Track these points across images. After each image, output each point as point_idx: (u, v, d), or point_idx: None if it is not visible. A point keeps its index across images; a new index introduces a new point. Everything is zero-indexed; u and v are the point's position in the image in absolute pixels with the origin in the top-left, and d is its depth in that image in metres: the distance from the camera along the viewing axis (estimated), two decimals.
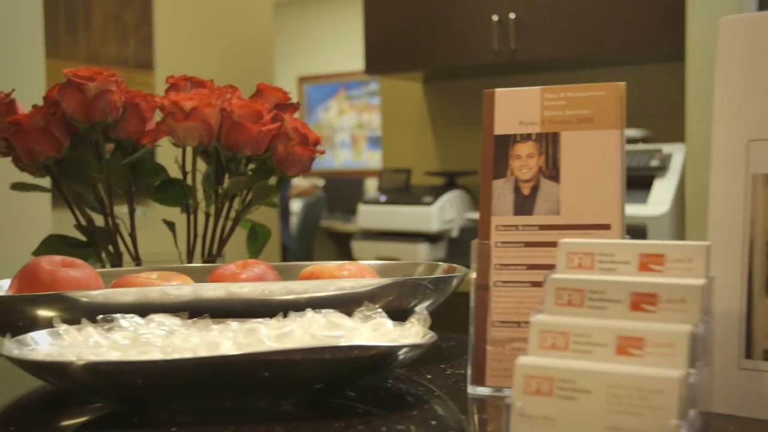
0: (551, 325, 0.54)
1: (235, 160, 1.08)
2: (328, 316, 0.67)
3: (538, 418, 0.51)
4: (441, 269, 0.86)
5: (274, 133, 1.07)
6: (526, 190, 0.70)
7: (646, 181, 2.26)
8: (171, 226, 1.11)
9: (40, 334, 0.66)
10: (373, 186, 5.91)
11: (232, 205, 1.13)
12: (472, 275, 0.69)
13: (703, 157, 2.12)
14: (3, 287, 0.81)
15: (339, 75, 6.80)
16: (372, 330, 0.66)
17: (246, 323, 0.66)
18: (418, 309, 0.81)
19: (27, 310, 0.73)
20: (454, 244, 2.76)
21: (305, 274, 0.81)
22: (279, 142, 1.08)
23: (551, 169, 0.69)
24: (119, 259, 1.10)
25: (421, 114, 3.16)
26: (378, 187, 2.95)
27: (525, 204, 0.70)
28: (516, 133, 0.71)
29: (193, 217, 1.11)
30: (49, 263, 0.78)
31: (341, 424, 0.59)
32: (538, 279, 0.67)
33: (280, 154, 1.08)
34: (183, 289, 0.75)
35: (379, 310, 0.69)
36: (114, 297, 0.75)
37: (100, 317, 0.68)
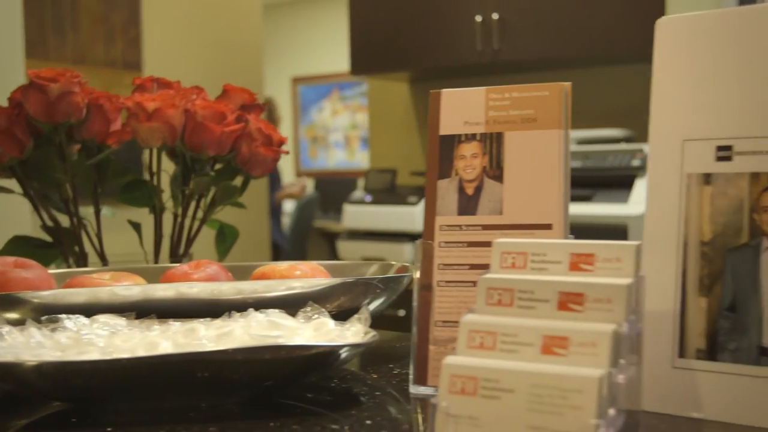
0: (480, 324, 0.54)
1: (199, 160, 1.08)
2: (269, 316, 0.67)
3: (463, 418, 0.51)
4: (394, 269, 0.86)
5: (238, 133, 1.07)
6: (470, 190, 0.70)
7: (627, 181, 2.26)
8: (136, 226, 1.11)
9: None
10: None
11: (199, 205, 1.13)
12: (416, 275, 0.69)
13: None
14: None
15: (332, 75, 6.80)
16: (314, 330, 0.66)
17: (187, 323, 0.66)
18: (371, 308, 0.82)
19: None
20: None
21: (257, 275, 0.81)
22: (243, 143, 1.08)
23: (495, 169, 0.70)
24: (84, 260, 1.10)
25: (408, 114, 3.17)
26: (364, 187, 2.96)
27: (469, 204, 0.70)
28: (461, 134, 0.71)
29: (159, 217, 1.12)
30: (0, 264, 0.78)
31: (277, 424, 0.59)
32: None
33: (244, 154, 1.08)
34: (132, 289, 0.76)
35: (322, 310, 0.69)
36: (64, 298, 0.75)
37: (45, 318, 0.68)
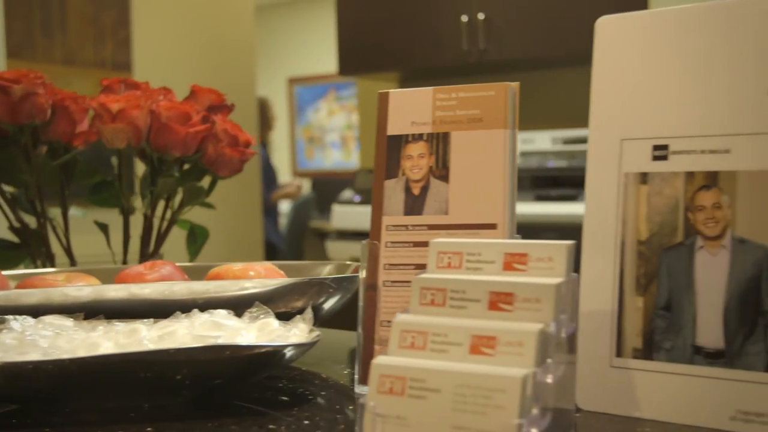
0: (411, 324, 0.54)
1: (166, 161, 1.08)
2: (213, 316, 0.67)
3: (390, 418, 0.51)
4: (351, 269, 0.86)
5: (204, 134, 1.07)
6: (417, 190, 0.70)
7: None
8: (103, 227, 1.11)
9: None
10: None
11: (168, 206, 1.13)
12: (362, 275, 0.69)
13: None
14: None
15: (328, 76, 6.80)
16: (258, 330, 0.66)
17: (130, 324, 0.66)
18: (325, 308, 0.82)
19: None
20: None
21: (211, 275, 0.81)
22: (209, 144, 1.08)
23: (441, 169, 0.70)
24: (51, 261, 1.10)
25: None
26: (353, 188, 2.96)
27: (415, 204, 0.70)
28: (408, 134, 0.71)
29: (127, 218, 1.12)
30: None
31: (215, 424, 0.59)
32: None
33: (210, 155, 1.08)
34: (83, 290, 0.76)
35: (267, 311, 0.69)
36: (16, 299, 0.75)
37: None
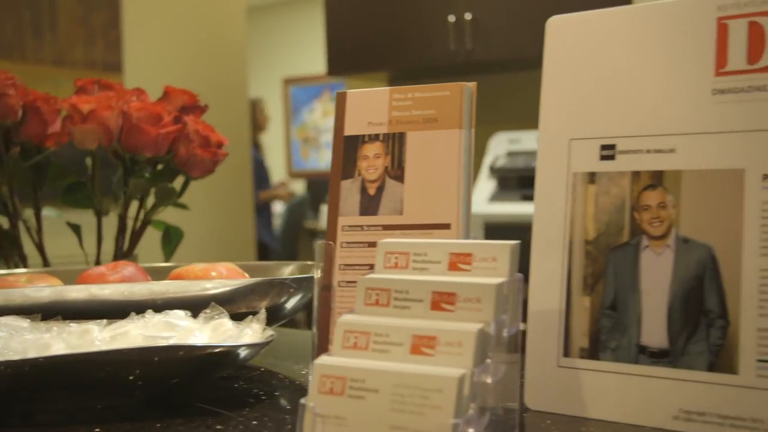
0: (354, 324, 0.55)
1: (138, 162, 1.08)
2: (167, 317, 0.67)
3: (330, 418, 0.51)
4: (312, 269, 0.86)
5: (175, 135, 1.07)
6: (372, 191, 0.70)
7: None
8: (75, 228, 1.11)
9: None
10: None
11: (142, 206, 1.13)
12: (317, 276, 0.69)
13: None
14: None
15: (323, 77, 6.79)
16: (211, 330, 0.66)
17: (83, 324, 0.67)
18: (288, 307, 0.82)
19: None
20: None
21: (173, 276, 0.82)
22: (180, 144, 1.08)
23: (396, 170, 0.70)
24: (24, 262, 1.10)
25: None
26: None
27: (370, 204, 0.70)
28: (365, 134, 0.71)
29: (99, 219, 1.12)
30: None
31: (164, 424, 0.60)
32: None
33: (182, 155, 1.08)
34: (44, 291, 0.76)
35: (222, 311, 0.69)
36: None
37: None
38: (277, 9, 7.01)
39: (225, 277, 0.81)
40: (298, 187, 6.45)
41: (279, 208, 5.72)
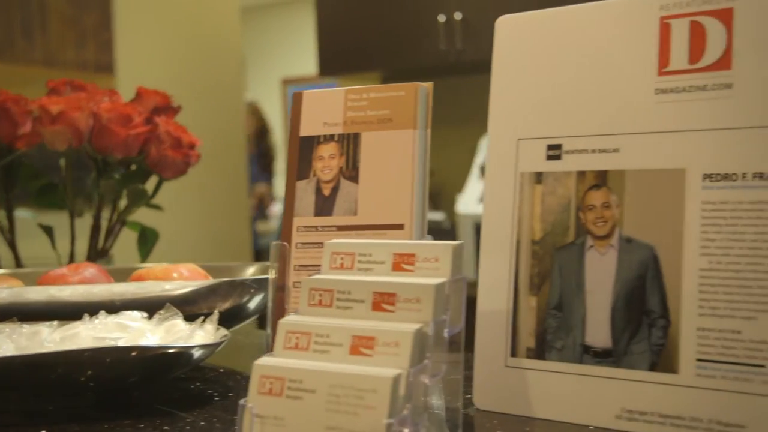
0: (296, 325, 0.55)
1: (108, 163, 1.08)
2: (120, 318, 0.67)
3: (269, 418, 0.51)
4: None
5: (146, 136, 1.07)
6: (327, 191, 0.70)
7: None
8: (48, 230, 1.11)
9: None
10: None
11: (115, 208, 1.13)
12: (271, 276, 0.69)
13: None
14: None
15: (323, 77, 6.80)
16: (164, 332, 0.66)
17: (34, 326, 0.67)
18: (250, 307, 0.82)
19: None
20: None
21: (134, 277, 0.81)
22: (152, 146, 1.08)
23: (351, 170, 0.70)
24: None
25: None
26: None
27: (325, 205, 0.70)
28: (320, 134, 0.71)
29: (73, 220, 1.12)
30: None
31: (111, 425, 0.60)
32: None
33: (153, 157, 1.08)
34: (2, 293, 0.76)
35: (176, 312, 0.69)
36: None
37: None
38: (274, 9, 7.01)
39: (186, 278, 0.81)
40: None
41: (277, 208, 5.72)
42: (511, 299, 0.60)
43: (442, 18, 2.57)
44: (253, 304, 0.81)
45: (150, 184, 1.13)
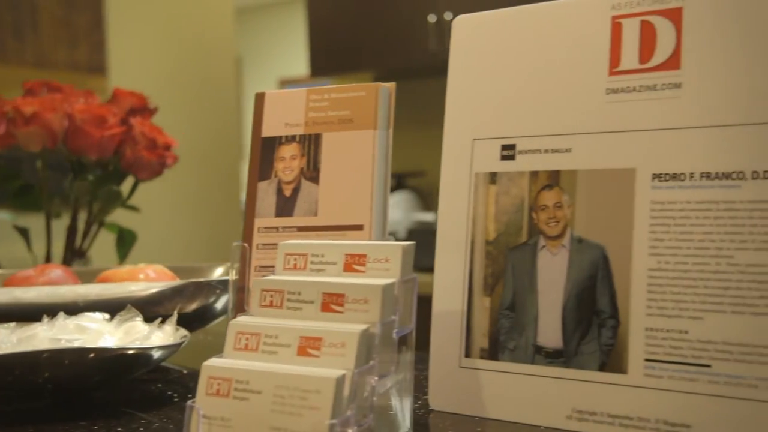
0: (246, 326, 0.54)
1: (83, 164, 1.08)
2: (79, 319, 0.67)
3: (216, 419, 0.51)
4: None
5: (121, 137, 1.07)
6: (288, 192, 0.70)
7: None
8: (23, 232, 1.11)
9: None
10: None
11: (91, 209, 1.13)
12: (232, 277, 0.69)
13: None
14: None
15: (321, 77, 6.80)
16: (124, 333, 0.66)
17: None
18: (217, 308, 0.82)
19: None
20: None
21: (101, 278, 0.81)
22: (127, 147, 1.08)
23: (312, 171, 0.70)
24: None
25: None
26: None
27: (286, 206, 0.70)
28: (282, 135, 0.71)
29: (49, 222, 1.12)
30: None
31: (66, 427, 0.59)
32: None
33: (128, 158, 1.08)
34: None
35: (137, 314, 0.69)
36: None
37: None
38: (272, 9, 7.01)
39: (152, 279, 0.80)
40: None
41: None
42: (466, 300, 0.60)
43: (432, 18, 2.57)
44: (219, 305, 0.81)
45: (127, 186, 1.13)
